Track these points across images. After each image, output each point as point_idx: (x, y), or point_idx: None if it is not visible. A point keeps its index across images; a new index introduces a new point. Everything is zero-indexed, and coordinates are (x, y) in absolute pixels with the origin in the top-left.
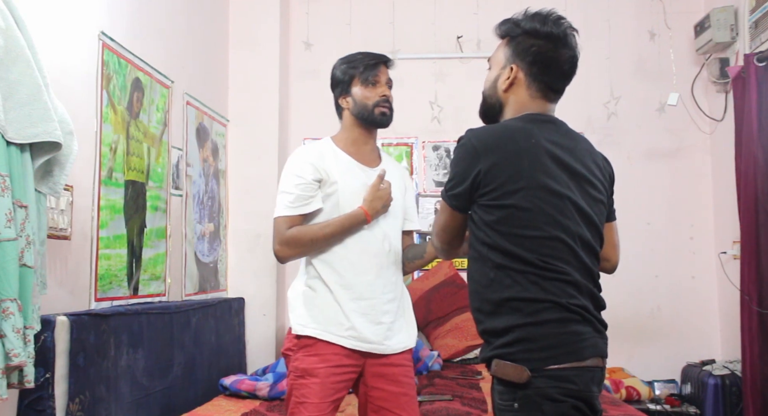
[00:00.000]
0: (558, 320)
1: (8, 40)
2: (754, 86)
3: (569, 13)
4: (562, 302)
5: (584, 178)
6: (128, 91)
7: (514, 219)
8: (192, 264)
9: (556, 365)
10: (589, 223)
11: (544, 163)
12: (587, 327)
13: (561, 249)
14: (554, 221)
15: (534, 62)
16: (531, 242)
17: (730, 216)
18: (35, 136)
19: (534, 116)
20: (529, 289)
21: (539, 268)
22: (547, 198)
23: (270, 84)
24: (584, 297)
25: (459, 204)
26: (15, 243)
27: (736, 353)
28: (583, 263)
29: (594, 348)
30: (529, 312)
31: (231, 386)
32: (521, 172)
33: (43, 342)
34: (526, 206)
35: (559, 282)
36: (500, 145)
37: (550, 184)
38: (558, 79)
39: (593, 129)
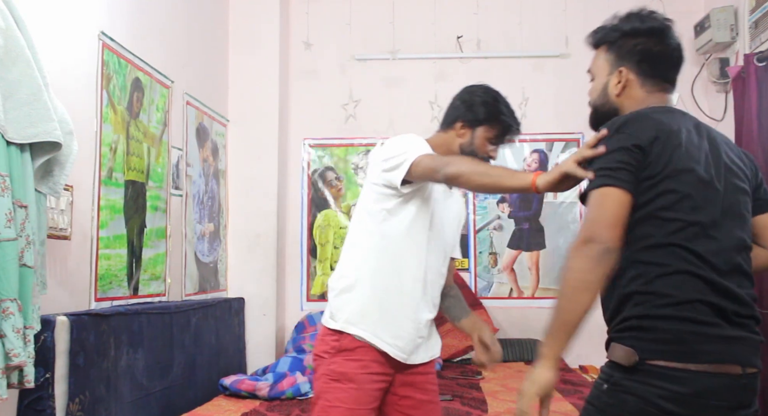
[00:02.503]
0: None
1: (8, 40)
2: (754, 86)
3: (569, 13)
4: (687, 297)
5: (727, 167)
6: (128, 91)
7: (659, 201)
8: (192, 264)
9: (665, 361)
10: (735, 214)
11: (690, 148)
12: (715, 330)
13: (700, 237)
14: (697, 206)
15: (643, 60)
16: (674, 226)
17: None
18: (35, 136)
19: (668, 108)
20: (654, 283)
21: (673, 257)
22: (695, 184)
23: (270, 84)
24: (718, 296)
25: (630, 179)
26: (15, 243)
27: None
28: (726, 256)
29: (721, 354)
30: (650, 306)
31: (231, 386)
32: (673, 156)
33: (43, 342)
34: (673, 188)
35: (691, 276)
36: (652, 128)
37: (698, 171)
38: (670, 70)
39: None
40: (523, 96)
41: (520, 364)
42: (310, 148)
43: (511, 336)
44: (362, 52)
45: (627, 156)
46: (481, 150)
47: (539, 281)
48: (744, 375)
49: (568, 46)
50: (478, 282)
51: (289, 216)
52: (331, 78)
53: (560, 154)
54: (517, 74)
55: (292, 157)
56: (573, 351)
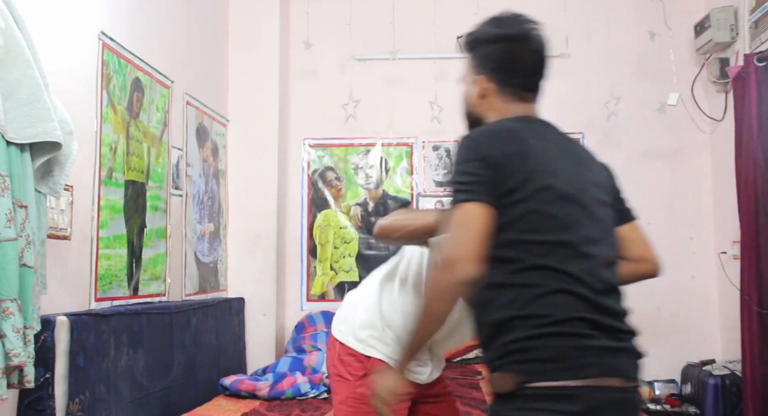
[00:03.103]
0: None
1: (8, 40)
2: (754, 86)
3: (569, 13)
4: (564, 316)
5: (591, 181)
6: (128, 91)
7: (521, 223)
8: (192, 264)
9: (547, 382)
10: (600, 228)
11: (550, 163)
12: (595, 343)
13: (571, 256)
14: (563, 225)
15: (498, 67)
16: (543, 249)
17: (730, 216)
18: (35, 136)
19: (529, 118)
20: (530, 305)
21: (546, 278)
22: (557, 201)
23: (270, 84)
24: (594, 312)
25: (489, 192)
26: (15, 243)
27: (736, 353)
28: (598, 273)
29: (604, 367)
30: (527, 328)
31: (231, 386)
32: (530, 173)
33: (43, 342)
34: (534, 208)
35: (567, 294)
36: (506, 142)
37: (559, 187)
38: (528, 78)
39: (593, 129)
40: None
41: None
42: (310, 148)
43: None
44: (362, 52)
45: (482, 169)
46: None
47: None
48: (626, 388)
49: (568, 46)
50: None
51: (289, 216)
52: (331, 78)
53: None
54: None
55: (292, 157)
56: None
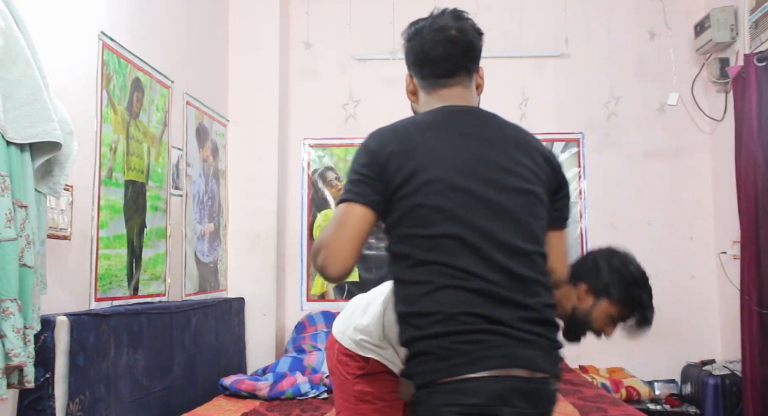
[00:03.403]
0: (451, 332)
1: (8, 40)
2: (754, 86)
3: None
4: (454, 311)
5: (502, 169)
6: (128, 91)
7: (409, 219)
8: (192, 264)
9: (449, 378)
10: (504, 218)
11: (443, 155)
12: (495, 337)
13: (460, 249)
14: (450, 218)
15: (413, 62)
16: (430, 243)
17: (730, 216)
18: (35, 136)
19: (444, 108)
20: (420, 302)
21: (434, 274)
22: (446, 193)
23: (270, 84)
24: (493, 305)
25: (368, 193)
26: (15, 243)
27: (736, 353)
28: (496, 264)
29: (505, 358)
30: (420, 326)
31: (231, 386)
32: (415, 167)
33: (43, 342)
34: (420, 202)
35: (456, 290)
36: (394, 140)
37: (450, 179)
38: (435, 65)
39: (593, 129)
40: (523, 96)
41: None
42: (310, 148)
43: None
44: (362, 52)
45: (366, 169)
46: (598, 324)
47: None
48: (533, 379)
49: (568, 46)
50: None
51: (289, 216)
52: (331, 78)
53: (560, 154)
54: (517, 74)
55: (292, 157)
56: (573, 351)
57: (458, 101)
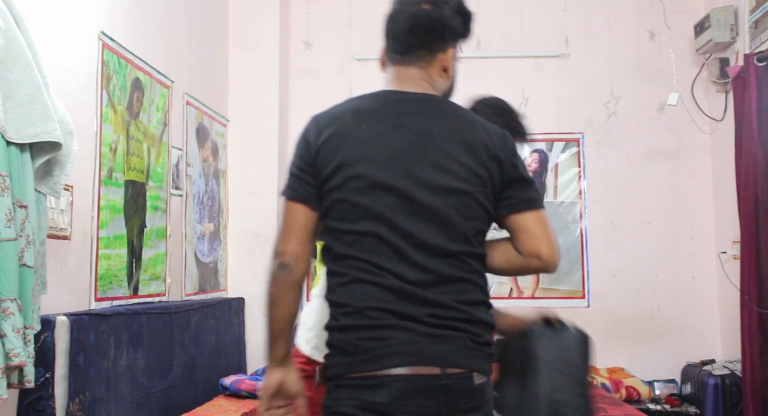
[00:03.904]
0: (357, 326)
1: (8, 40)
2: (754, 86)
3: (569, 13)
4: (363, 305)
5: (436, 167)
6: (128, 91)
7: (333, 212)
8: (192, 264)
9: (354, 373)
10: (430, 218)
11: (373, 149)
12: (401, 333)
13: (377, 246)
14: (370, 215)
15: (384, 35)
16: (349, 238)
17: (730, 216)
18: (35, 136)
19: (387, 94)
20: (336, 292)
21: (350, 267)
22: (368, 191)
23: (270, 84)
24: (405, 302)
25: (299, 187)
26: (15, 243)
27: (736, 353)
28: (414, 263)
29: (409, 356)
30: (334, 316)
31: (231, 386)
32: (342, 161)
33: (43, 342)
34: (343, 197)
35: (368, 284)
36: (328, 129)
37: (373, 176)
38: (396, 38)
39: (593, 129)
40: (523, 96)
41: None
42: None
43: None
44: (362, 52)
45: (300, 161)
46: None
47: (539, 281)
48: (444, 375)
49: (568, 46)
50: None
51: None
52: (331, 78)
53: (560, 154)
54: (517, 74)
55: None
56: None
57: (409, 83)
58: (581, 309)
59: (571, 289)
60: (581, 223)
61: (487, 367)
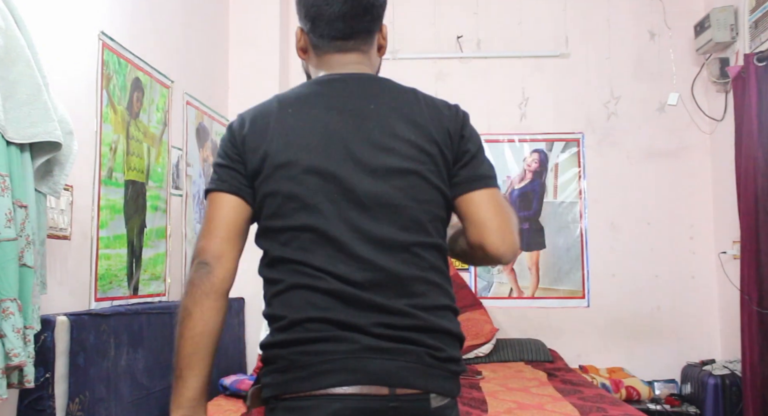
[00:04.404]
0: (294, 340)
1: (8, 39)
2: (754, 86)
3: (569, 13)
4: (300, 317)
5: (376, 146)
6: (128, 91)
7: (264, 209)
8: None
9: (290, 393)
10: (375, 205)
11: (302, 134)
12: (344, 346)
13: (316, 244)
14: (305, 206)
15: (306, 16)
16: (284, 237)
17: (730, 216)
18: (35, 136)
19: (318, 79)
20: (271, 304)
21: (286, 272)
22: (301, 179)
23: (270, 84)
24: (349, 309)
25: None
26: (15, 243)
27: (736, 353)
28: (361, 260)
29: (351, 373)
30: (270, 330)
31: (231, 386)
32: (267, 149)
33: (43, 342)
34: (273, 189)
35: (306, 290)
36: (252, 120)
37: (306, 161)
38: (331, 24)
39: (593, 129)
40: (523, 96)
41: (520, 364)
42: None
43: (511, 336)
44: None
45: (227, 151)
46: None
47: (539, 281)
48: (393, 396)
49: (568, 46)
50: (478, 282)
51: None
52: None
53: (560, 154)
54: (517, 74)
55: None
56: (573, 351)
57: (349, 68)
58: (581, 309)
59: (571, 289)
60: (581, 223)
61: (448, 387)
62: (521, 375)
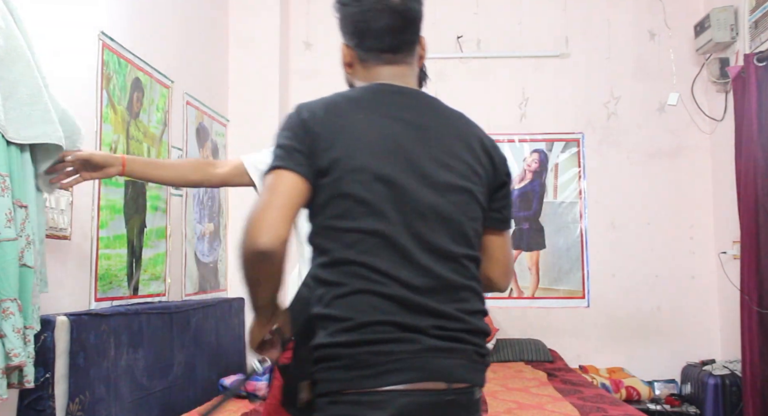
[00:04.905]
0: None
1: (8, 40)
2: (754, 86)
3: (569, 13)
4: (367, 320)
5: (437, 162)
6: (128, 91)
7: (330, 208)
8: (192, 264)
9: (354, 390)
10: (434, 217)
11: (374, 141)
12: (407, 346)
13: (382, 248)
14: (374, 212)
15: (353, 32)
16: (350, 238)
17: (730, 216)
18: (36, 138)
19: (380, 86)
20: (331, 305)
21: (350, 275)
22: (372, 185)
23: (270, 84)
24: (411, 313)
25: (303, 165)
26: (15, 243)
27: (736, 353)
28: (420, 267)
29: (416, 371)
30: (331, 331)
31: (231, 386)
32: (341, 152)
33: (43, 342)
34: (345, 191)
35: (371, 295)
36: (326, 118)
37: (378, 168)
38: (379, 38)
39: (593, 129)
40: (523, 96)
41: (520, 364)
42: None
43: (511, 336)
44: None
45: (296, 140)
46: None
47: (539, 281)
48: (450, 390)
49: (568, 46)
50: None
51: None
52: (331, 78)
53: (560, 154)
54: (517, 74)
55: None
56: (573, 351)
57: (399, 80)
58: (581, 309)
59: (571, 289)
60: (581, 223)
61: (484, 379)
62: (521, 375)
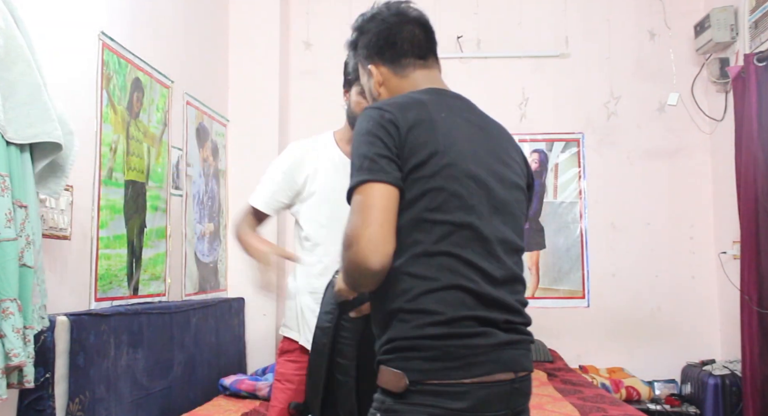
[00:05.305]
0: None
1: (8, 39)
2: (754, 86)
3: (569, 13)
4: (455, 315)
5: (501, 161)
6: (128, 91)
7: (424, 201)
8: (192, 264)
9: (437, 380)
10: (505, 213)
11: (459, 138)
12: (486, 340)
13: (471, 240)
14: (465, 206)
15: (384, 46)
16: (442, 230)
17: (730, 216)
18: (35, 137)
19: (437, 90)
20: (419, 300)
21: (440, 269)
22: (462, 180)
23: (270, 84)
24: (488, 308)
25: (391, 170)
26: (15, 243)
27: (736, 353)
28: (499, 260)
29: (494, 364)
30: (417, 323)
31: (231, 386)
32: (437, 147)
33: (43, 342)
34: (440, 185)
35: (460, 291)
36: (416, 117)
37: (465, 165)
38: (413, 43)
39: (593, 129)
40: (523, 96)
41: None
42: None
43: None
44: None
45: (385, 141)
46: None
47: (539, 281)
48: (516, 379)
49: (568, 46)
50: None
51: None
52: (331, 78)
53: (560, 154)
54: (517, 74)
55: None
56: (573, 351)
57: (437, 85)
58: (581, 309)
59: (571, 289)
60: (581, 223)
61: (532, 367)
62: None
